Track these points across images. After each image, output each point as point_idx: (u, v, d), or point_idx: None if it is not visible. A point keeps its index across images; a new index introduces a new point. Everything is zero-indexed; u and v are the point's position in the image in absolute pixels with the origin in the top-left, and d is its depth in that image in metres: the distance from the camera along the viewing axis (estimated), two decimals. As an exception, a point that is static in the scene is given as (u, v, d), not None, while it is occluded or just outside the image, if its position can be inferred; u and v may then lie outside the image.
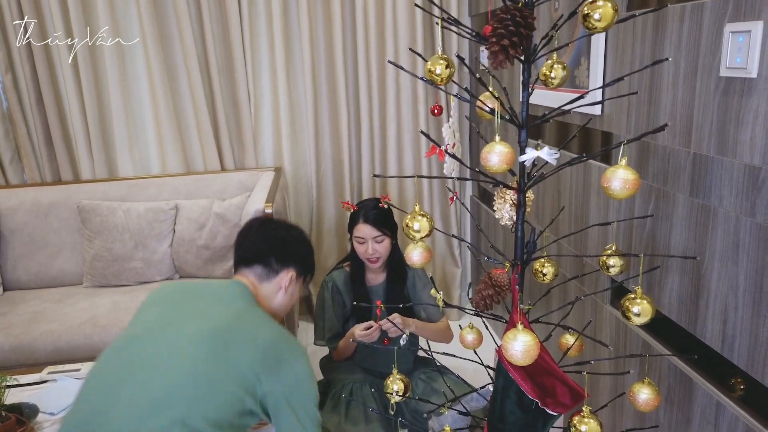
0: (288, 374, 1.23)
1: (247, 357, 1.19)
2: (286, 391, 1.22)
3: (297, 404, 1.23)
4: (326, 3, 2.57)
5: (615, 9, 0.88)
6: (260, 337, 1.23)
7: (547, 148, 0.87)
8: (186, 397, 1.13)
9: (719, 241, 1.13)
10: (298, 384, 1.24)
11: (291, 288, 1.44)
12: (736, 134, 1.06)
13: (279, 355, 1.23)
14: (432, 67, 1.02)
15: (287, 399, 1.22)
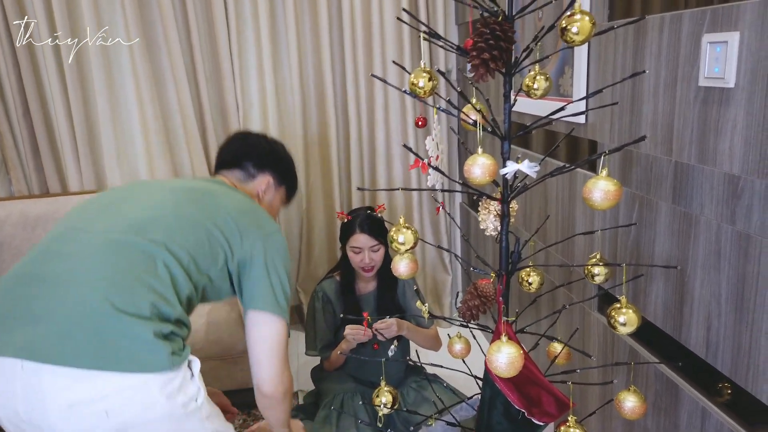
0: (269, 238, 1.24)
1: (229, 209, 1.23)
2: (266, 252, 1.22)
3: (273, 269, 1.23)
4: (313, 11, 2.58)
5: (593, 22, 0.90)
6: (242, 202, 1.28)
7: (527, 162, 0.88)
8: (168, 227, 1.15)
9: (701, 249, 1.14)
10: (278, 251, 1.25)
11: (269, 195, 1.45)
12: (716, 143, 1.07)
13: (260, 220, 1.26)
14: (415, 80, 1.03)
15: (265, 258, 1.22)
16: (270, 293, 1.22)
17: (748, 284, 1.03)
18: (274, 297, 1.22)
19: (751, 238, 1.01)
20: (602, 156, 0.90)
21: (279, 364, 1.23)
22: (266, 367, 1.22)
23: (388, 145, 2.72)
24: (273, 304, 1.22)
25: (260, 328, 1.22)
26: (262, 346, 1.22)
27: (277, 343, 1.22)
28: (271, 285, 1.22)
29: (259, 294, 1.22)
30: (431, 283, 2.94)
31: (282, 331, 1.23)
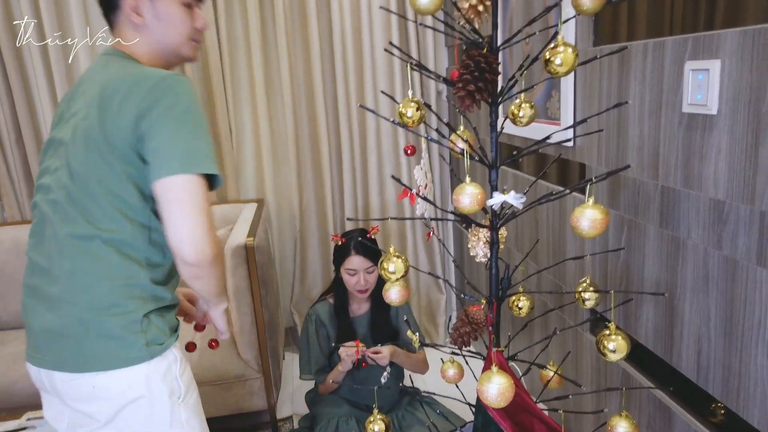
0: (152, 93, 1.01)
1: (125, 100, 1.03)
2: (163, 112, 1.01)
3: (168, 122, 1.01)
4: (305, 39, 2.61)
5: (575, 54, 0.91)
6: (131, 74, 1.06)
7: (513, 193, 0.89)
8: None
9: (689, 273, 1.15)
10: (185, 113, 1.02)
11: (146, 7, 1.13)
12: (701, 168, 1.08)
13: (158, 84, 1.03)
14: (403, 110, 1.04)
15: (163, 119, 1.01)
16: (175, 152, 1.01)
17: (736, 309, 1.03)
18: (182, 152, 1.01)
19: (738, 263, 1.02)
20: (588, 184, 0.91)
21: (201, 221, 1.01)
22: (186, 227, 1.01)
23: (380, 170, 2.74)
24: (180, 162, 1.01)
25: (171, 194, 1.01)
26: (176, 207, 1.01)
27: (196, 201, 1.01)
28: (173, 140, 1.02)
29: (160, 161, 1.01)
30: (425, 302, 2.93)
31: (197, 186, 1.01)
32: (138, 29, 1.15)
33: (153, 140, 1.01)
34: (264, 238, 2.31)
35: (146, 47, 1.16)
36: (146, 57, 1.16)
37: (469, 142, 1.01)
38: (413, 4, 0.89)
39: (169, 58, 1.19)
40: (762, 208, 0.95)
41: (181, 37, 1.17)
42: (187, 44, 1.19)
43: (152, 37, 1.15)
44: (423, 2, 0.87)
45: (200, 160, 1.02)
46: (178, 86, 1.03)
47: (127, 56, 1.15)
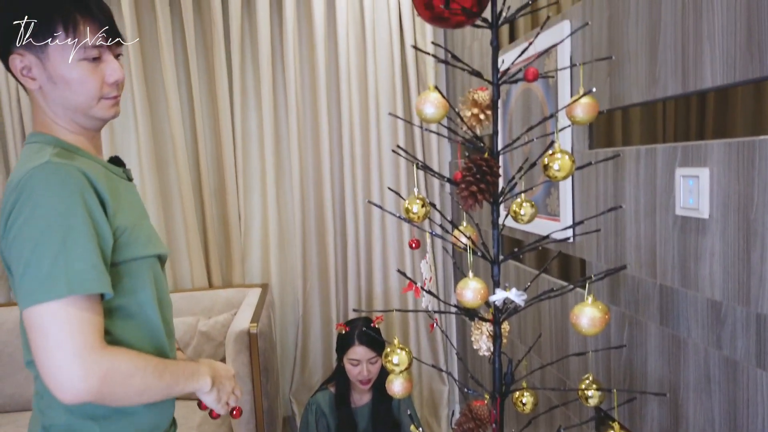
0: (24, 208, 0.86)
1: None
2: (18, 225, 0.86)
3: (23, 240, 0.85)
4: (315, 135, 2.74)
5: (572, 161, 0.98)
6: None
7: (514, 290, 0.93)
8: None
9: (692, 373, 1.15)
10: (37, 220, 0.85)
11: (36, 68, 0.96)
12: (697, 269, 1.12)
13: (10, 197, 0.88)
14: (409, 206, 1.10)
15: (11, 232, 0.87)
16: (31, 280, 0.84)
17: (739, 411, 1.03)
18: (36, 277, 0.84)
19: (738, 364, 1.03)
20: (587, 283, 0.94)
21: (61, 355, 0.83)
22: (44, 366, 0.84)
23: (384, 260, 2.78)
24: (36, 289, 0.84)
25: (32, 330, 0.85)
26: (41, 344, 0.83)
27: (61, 329, 0.83)
28: (28, 264, 0.84)
29: (19, 295, 0.86)
30: (428, 393, 2.87)
31: (60, 312, 0.83)
32: (37, 94, 0.99)
33: (12, 263, 0.88)
34: (267, 324, 2.31)
35: (54, 112, 1.00)
36: (61, 123, 1.00)
37: (471, 238, 1.05)
38: (420, 114, 0.97)
39: (84, 122, 1.01)
40: (758, 310, 0.98)
41: (87, 99, 0.98)
42: (98, 105, 1.00)
43: (55, 101, 0.98)
44: (428, 113, 0.95)
45: (52, 283, 0.83)
46: (34, 186, 0.86)
47: (37, 134, 1.00)
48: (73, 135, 1.01)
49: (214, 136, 2.70)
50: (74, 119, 1.01)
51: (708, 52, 1.06)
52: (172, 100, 2.55)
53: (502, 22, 1.02)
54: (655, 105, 2.14)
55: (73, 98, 0.98)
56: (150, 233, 1.05)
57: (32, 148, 0.97)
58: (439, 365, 2.85)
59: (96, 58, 0.98)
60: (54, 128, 1.01)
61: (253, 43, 2.67)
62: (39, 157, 0.91)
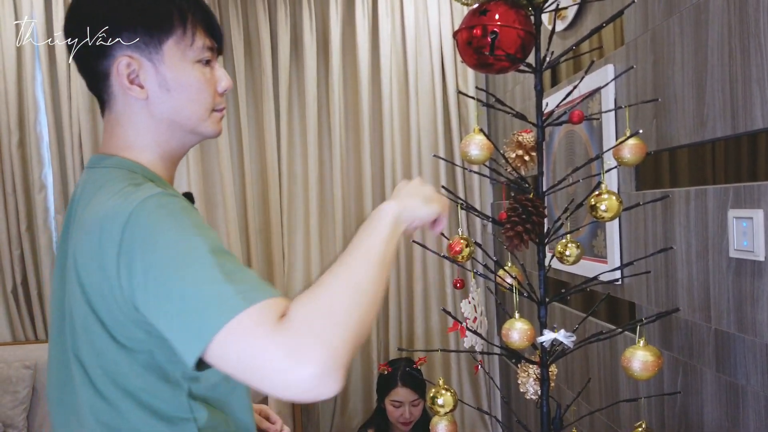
0: (126, 230, 0.69)
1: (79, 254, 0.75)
2: (138, 285, 0.68)
3: (157, 299, 0.68)
4: (358, 176, 2.80)
5: (620, 201, 0.98)
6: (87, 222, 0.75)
7: (563, 331, 0.92)
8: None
9: (752, 422, 1.10)
10: (149, 231, 0.69)
11: (148, 73, 0.81)
12: (754, 313, 1.08)
13: (105, 227, 0.71)
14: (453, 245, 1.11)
15: (143, 297, 0.68)
16: (186, 313, 0.66)
17: (806, 465, 0.98)
18: (205, 302, 0.65)
19: (803, 414, 0.98)
20: (638, 325, 0.93)
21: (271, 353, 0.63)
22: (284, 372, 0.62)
23: (425, 299, 2.77)
24: (211, 315, 0.65)
25: (228, 363, 0.65)
26: (249, 377, 0.65)
27: (259, 355, 0.63)
28: (183, 297, 0.66)
29: (176, 334, 0.67)
30: (470, 446, 2.80)
31: (246, 329, 0.64)
32: (135, 107, 0.82)
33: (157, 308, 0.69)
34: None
35: (149, 133, 0.83)
36: (148, 149, 0.84)
37: (517, 278, 1.05)
38: (465, 156, 0.99)
39: (182, 141, 0.86)
40: (821, 357, 0.93)
41: (201, 111, 0.84)
42: (210, 119, 0.86)
43: (162, 113, 0.82)
44: (474, 155, 0.97)
45: (224, 301, 0.65)
46: (150, 215, 0.70)
47: (114, 158, 0.83)
48: (159, 162, 0.85)
49: (261, 178, 2.79)
50: (171, 139, 0.85)
51: (758, 93, 1.05)
52: (222, 142, 2.66)
53: (545, 67, 1.05)
54: (704, 147, 2.10)
55: (188, 108, 0.83)
56: None
57: (115, 173, 0.79)
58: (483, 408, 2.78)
59: (208, 61, 0.85)
60: (138, 153, 0.84)
61: (300, 89, 2.78)
62: (142, 189, 0.73)
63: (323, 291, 0.67)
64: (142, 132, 0.83)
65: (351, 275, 0.70)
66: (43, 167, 2.66)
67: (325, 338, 0.63)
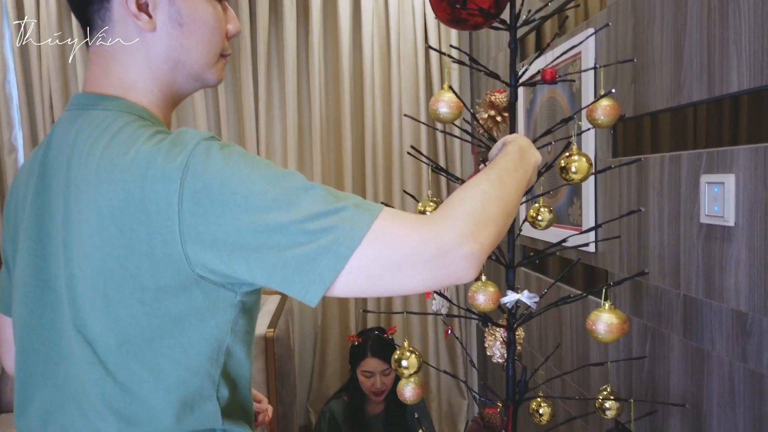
0: (191, 187, 0.61)
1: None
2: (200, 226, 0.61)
3: (236, 235, 0.60)
4: (338, 142, 2.76)
5: (590, 163, 0.96)
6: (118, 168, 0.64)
7: (526, 292, 0.91)
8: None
9: (715, 386, 1.11)
10: (216, 195, 0.61)
11: (160, 3, 0.72)
12: (722, 279, 1.08)
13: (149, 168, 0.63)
14: (422, 208, 1.09)
15: (214, 239, 0.61)
16: (311, 235, 0.60)
17: (765, 426, 0.99)
18: (321, 227, 0.60)
19: (764, 377, 0.98)
20: (604, 288, 0.92)
21: (407, 237, 0.61)
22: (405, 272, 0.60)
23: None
24: (333, 240, 0.59)
25: (370, 272, 0.61)
26: (396, 278, 0.61)
27: (402, 239, 0.60)
28: (263, 267, 0.61)
29: (298, 267, 0.60)
30: (446, 407, 2.83)
31: (380, 232, 0.60)
32: (140, 45, 0.72)
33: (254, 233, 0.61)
34: (285, 330, 2.31)
35: (150, 73, 0.73)
36: (150, 92, 0.74)
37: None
38: (433, 114, 0.96)
39: (183, 87, 0.77)
40: (785, 321, 0.94)
41: (210, 55, 0.76)
42: (217, 65, 0.78)
43: (164, 54, 0.73)
44: (442, 113, 0.95)
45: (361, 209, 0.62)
46: (213, 159, 0.62)
47: (119, 100, 0.72)
48: (162, 106, 0.76)
49: (238, 143, 2.74)
50: (176, 82, 0.75)
51: (735, 56, 1.03)
52: (198, 106, 2.60)
53: (520, 24, 1.02)
54: (683, 111, 2.09)
55: (197, 49, 0.74)
56: None
57: (123, 120, 0.69)
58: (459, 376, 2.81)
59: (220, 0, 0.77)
60: (139, 95, 0.73)
61: (279, 52, 2.71)
62: (188, 134, 0.65)
63: (468, 195, 0.66)
64: (143, 71, 0.73)
65: (493, 187, 0.69)
66: (12, 129, 2.59)
67: (470, 222, 0.62)
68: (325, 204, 0.61)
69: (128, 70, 0.73)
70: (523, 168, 0.78)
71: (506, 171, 0.73)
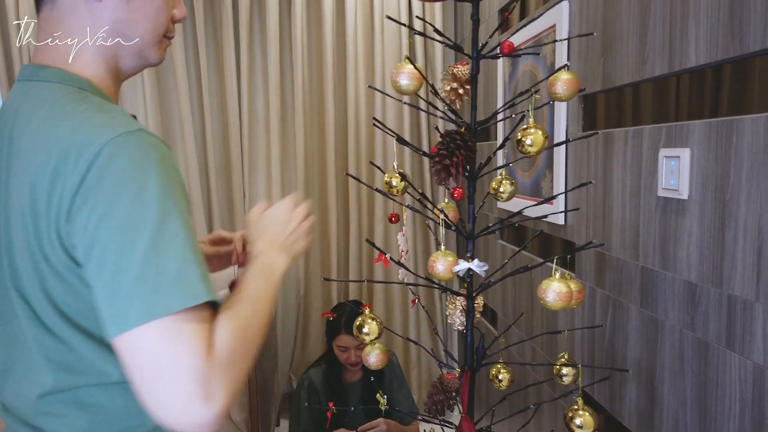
0: (100, 189, 0.63)
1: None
2: (94, 224, 0.63)
3: (109, 246, 0.63)
4: (320, 106, 2.76)
5: (545, 136, 0.98)
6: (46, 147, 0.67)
7: (476, 261, 0.93)
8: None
9: (667, 354, 1.15)
10: (115, 203, 0.63)
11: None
12: (675, 251, 1.11)
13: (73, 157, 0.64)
14: (388, 179, 1.11)
15: (93, 240, 0.63)
16: (124, 292, 0.63)
17: (709, 393, 1.03)
18: (132, 289, 0.63)
19: (710, 345, 1.02)
20: (553, 260, 0.95)
21: (187, 387, 0.63)
22: (178, 398, 0.62)
23: (386, 239, 2.80)
24: (138, 307, 0.63)
25: (130, 358, 0.64)
26: (149, 380, 0.63)
27: (174, 361, 0.62)
28: (111, 285, 0.63)
29: (109, 307, 0.64)
30: (426, 376, 2.89)
31: (160, 342, 0.63)
32: (83, 9, 0.73)
33: (90, 261, 0.65)
34: (266, 300, 2.35)
35: (93, 47, 0.75)
36: (94, 62, 0.75)
37: (445, 212, 1.06)
38: (395, 86, 0.97)
39: (128, 63, 0.79)
40: (729, 291, 0.97)
41: (154, 33, 0.78)
42: (159, 44, 0.80)
43: (109, 26, 0.75)
44: (403, 84, 0.96)
45: (153, 297, 0.63)
46: (122, 157, 0.64)
47: (60, 71, 0.74)
48: (106, 78, 0.77)
49: (220, 113, 2.73)
50: (119, 56, 0.77)
51: (693, 30, 1.04)
52: (180, 74, 2.58)
53: (482, -4, 1.02)
54: (648, 85, 2.10)
55: (143, 24, 0.76)
56: None
57: (66, 92, 0.71)
58: (438, 346, 2.86)
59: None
60: (84, 66, 0.75)
61: (261, 20, 2.69)
62: (115, 118, 0.67)
63: (246, 347, 0.70)
64: (87, 51, 0.75)
65: (253, 323, 0.73)
66: None
67: (237, 385, 0.66)
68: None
69: (79, 48, 0.74)
70: (273, 289, 0.82)
71: (268, 312, 0.77)
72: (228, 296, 0.75)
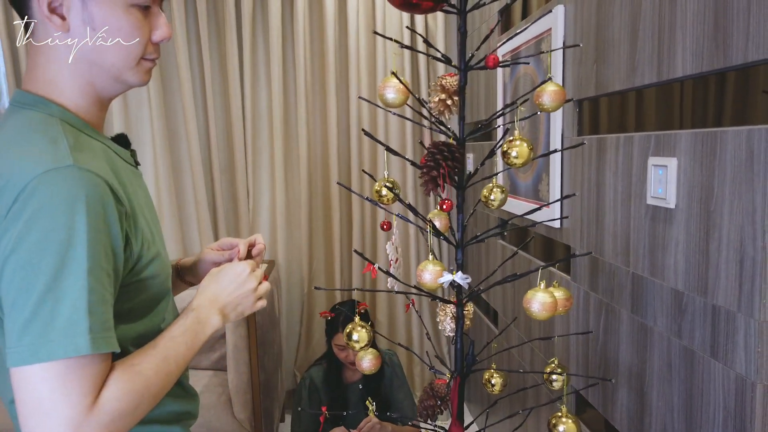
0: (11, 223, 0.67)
1: None
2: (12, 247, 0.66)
3: (12, 283, 0.67)
4: (323, 106, 2.77)
5: (530, 148, 0.99)
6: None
7: (460, 273, 0.95)
8: None
9: (656, 360, 1.16)
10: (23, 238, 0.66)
11: (72, 6, 0.75)
12: (663, 258, 1.12)
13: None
14: (378, 188, 1.13)
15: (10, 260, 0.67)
16: (19, 329, 0.66)
17: (695, 400, 1.04)
18: (27, 328, 0.66)
19: (695, 354, 1.03)
20: (538, 270, 0.96)
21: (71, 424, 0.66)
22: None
23: (388, 236, 2.82)
24: (26, 347, 0.66)
25: (17, 391, 0.67)
26: (26, 416, 0.66)
27: (52, 396, 0.66)
28: (14, 305, 0.67)
29: (8, 338, 0.68)
30: (429, 376, 2.92)
31: (41, 385, 0.66)
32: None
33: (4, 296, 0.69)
34: (269, 300, 2.38)
35: (68, 71, 0.77)
36: (73, 85, 0.78)
37: (433, 222, 1.08)
38: (381, 99, 0.99)
39: (106, 87, 0.80)
40: (713, 301, 0.98)
41: (127, 58, 0.78)
42: (136, 69, 0.80)
43: (79, 54, 0.76)
44: (389, 98, 0.97)
45: (54, 337, 0.66)
46: (41, 193, 0.66)
47: (36, 97, 0.77)
48: (83, 104, 0.79)
49: (224, 113, 2.76)
50: (95, 82, 0.79)
51: (680, 41, 1.05)
52: (184, 75, 2.61)
53: (470, 8, 1.03)
54: (639, 93, 2.09)
55: (111, 55, 0.77)
56: (161, 247, 0.88)
57: (32, 118, 0.75)
58: (438, 350, 2.89)
59: (147, 7, 0.79)
60: (59, 92, 0.78)
61: (264, 21, 2.71)
62: (53, 151, 0.69)
63: (141, 395, 0.72)
64: (62, 69, 0.77)
65: (168, 379, 0.76)
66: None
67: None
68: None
69: (50, 66, 0.78)
70: (195, 349, 0.82)
71: (185, 348, 0.80)
72: (141, 348, 0.77)
